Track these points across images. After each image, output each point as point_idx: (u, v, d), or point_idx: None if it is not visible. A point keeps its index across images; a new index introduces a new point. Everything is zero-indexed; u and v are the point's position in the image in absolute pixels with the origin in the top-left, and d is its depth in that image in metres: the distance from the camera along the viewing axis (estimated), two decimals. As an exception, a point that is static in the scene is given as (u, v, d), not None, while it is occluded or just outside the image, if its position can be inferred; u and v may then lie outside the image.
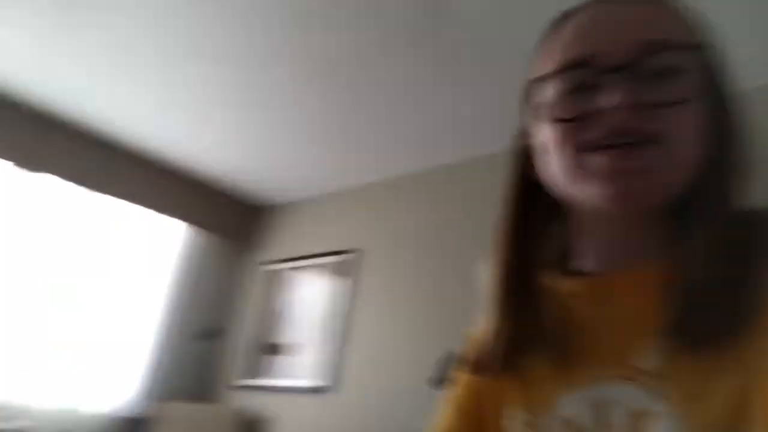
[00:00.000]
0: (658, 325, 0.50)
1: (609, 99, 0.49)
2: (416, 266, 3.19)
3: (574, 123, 0.52)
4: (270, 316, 3.78)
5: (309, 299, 3.63)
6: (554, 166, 0.56)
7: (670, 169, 0.51)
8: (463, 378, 0.67)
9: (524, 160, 0.63)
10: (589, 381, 0.54)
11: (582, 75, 0.53)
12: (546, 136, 0.56)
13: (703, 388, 0.46)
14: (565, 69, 0.54)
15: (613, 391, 0.52)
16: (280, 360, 3.58)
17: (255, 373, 3.64)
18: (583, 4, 0.58)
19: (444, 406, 0.67)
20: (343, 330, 3.31)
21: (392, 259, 3.32)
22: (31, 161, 3.22)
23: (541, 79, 0.55)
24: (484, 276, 0.62)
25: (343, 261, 3.50)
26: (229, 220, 4.11)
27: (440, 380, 2.46)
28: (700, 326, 0.47)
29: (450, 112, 2.81)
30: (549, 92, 0.55)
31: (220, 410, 3.53)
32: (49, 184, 3.30)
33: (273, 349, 3.64)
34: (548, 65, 0.56)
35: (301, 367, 3.43)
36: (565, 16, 0.59)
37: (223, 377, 3.80)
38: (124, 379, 3.46)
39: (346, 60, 2.49)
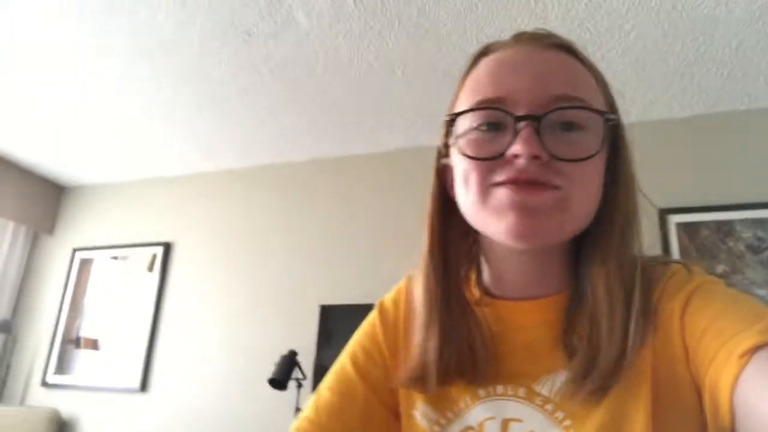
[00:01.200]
0: (558, 360, 0.57)
1: (516, 148, 0.52)
2: (228, 262, 3.25)
3: (483, 162, 0.55)
4: (76, 308, 3.51)
5: (119, 291, 3.45)
6: (464, 197, 0.58)
7: (567, 215, 0.54)
8: (355, 361, 0.68)
9: (443, 179, 0.65)
10: (497, 396, 0.59)
11: (494, 115, 0.55)
12: (457, 167, 0.59)
13: (589, 417, 0.53)
14: (478, 107, 0.56)
15: (518, 410, 0.57)
16: (88, 356, 3.37)
17: (60, 369, 3.38)
18: (503, 41, 0.61)
19: (326, 386, 0.68)
20: (152, 325, 3.26)
21: (203, 253, 3.33)
22: None
23: (456, 115, 0.58)
24: (416, 292, 0.65)
25: (154, 252, 3.41)
26: (27, 202, 3.63)
27: (282, 380, 2.54)
28: (594, 377, 0.52)
29: (269, 116, 2.87)
30: (463, 126, 0.57)
31: (21, 412, 3.17)
32: None
33: (80, 343, 3.41)
34: (465, 100, 0.59)
35: (110, 364, 3.29)
36: (486, 51, 0.61)
37: (23, 374, 3.45)
38: None
39: (175, 43, 2.37)
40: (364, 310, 0.74)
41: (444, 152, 0.64)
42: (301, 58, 2.42)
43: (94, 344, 3.40)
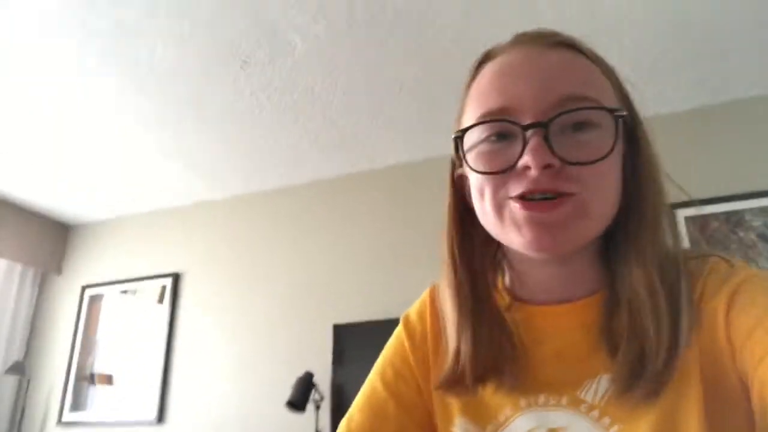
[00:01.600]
0: (599, 364, 0.54)
1: (525, 159, 0.50)
2: (237, 289, 3.24)
3: (495, 175, 0.53)
4: (89, 345, 3.50)
5: (130, 325, 3.44)
6: (481, 209, 0.57)
7: (587, 220, 0.52)
8: (384, 380, 0.66)
9: (461, 189, 0.64)
10: (539, 405, 0.56)
11: (501, 126, 0.54)
12: (472, 180, 0.58)
13: (639, 421, 0.50)
14: (484, 121, 0.54)
15: (562, 419, 0.55)
16: (103, 392, 3.36)
17: (76, 407, 3.37)
18: (504, 45, 0.59)
19: (357, 408, 0.66)
20: (166, 356, 3.24)
21: (213, 281, 3.32)
22: None
23: (463, 132, 0.56)
24: (444, 302, 0.63)
25: (163, 284, 3.41)
26: (34, 244, 3.64)
27: (300, 402, 2.52)
28: (645, 378, 0.50)
29: (270, 141, 2.90)
30: (471, 140, 0.56)
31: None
32: None
33: (94, 379, 3.40)
34: (471, 112, 0.57)
35: (126, 398, 3.27)
36: (487, 58, 0.59)
37: (40, 414, 3.43)
38: None
39: (173, 74, 2.40)
40: (377, 326, 0.71)
41: (458, 163, 0.63)
42: (299, 81, 2.44)
43: (108, 380, 3.39)
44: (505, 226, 0.54)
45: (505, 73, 0.55)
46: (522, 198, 0.52)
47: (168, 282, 3.41)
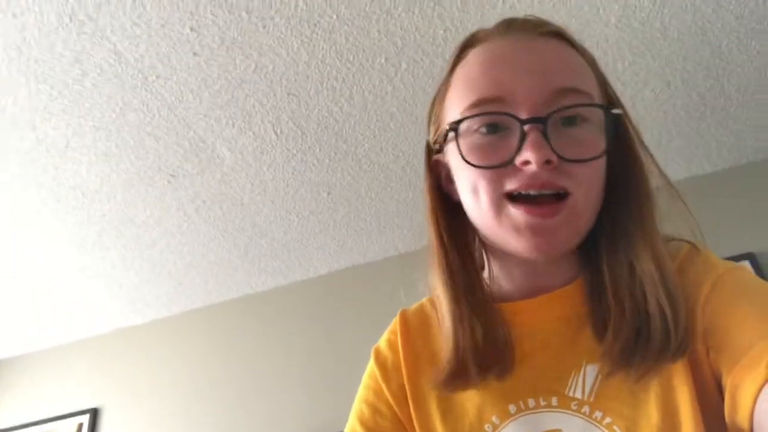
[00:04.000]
0: (581, 353, 0.54)
1: (527, 155, 0.50)
2: (163, 420, 3.01)
3: (492, 170, 0.53)
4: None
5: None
6: (473, 205, 0.56)
7: (579, 221, 0.53)
8: (362, 420, 0.64)
9: (437, 174, 0.63)
10: (529, 411, 0.55)
11: (495, 117, 0.53)
12: (462, 174, 0.56)
13: (637, 406, 0.51)
14: (481, 113, 0.54)
15: (555, 421, 0.54)
16: None
17: None
18: (492, 29, 0.59)
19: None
20: None
21: (136, 414, 3.06)
22: None
23: (458, 123, 0.55)
24: (435, 293, 0.61)
25: (80, 422, 3.08)
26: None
27: None
28: (637, 353, 0.50)
29: (198, 256, 2.84)
30: (462, 129, 0.55)
31: None
32: None
33: None
34: (459, 99, 0.56)
35: None
36: (473, 42, 0.59)
37: None
38: None
39: (96, 192, 2.36)
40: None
41: (436, 149, 0.62)
42: (228, 193, 2.48)
43: None
44: (504, 229, 0.53)
45: (497, 61, 0.55)
46: (521, 198, 0.52)
47: (86, 419, 3.10)
